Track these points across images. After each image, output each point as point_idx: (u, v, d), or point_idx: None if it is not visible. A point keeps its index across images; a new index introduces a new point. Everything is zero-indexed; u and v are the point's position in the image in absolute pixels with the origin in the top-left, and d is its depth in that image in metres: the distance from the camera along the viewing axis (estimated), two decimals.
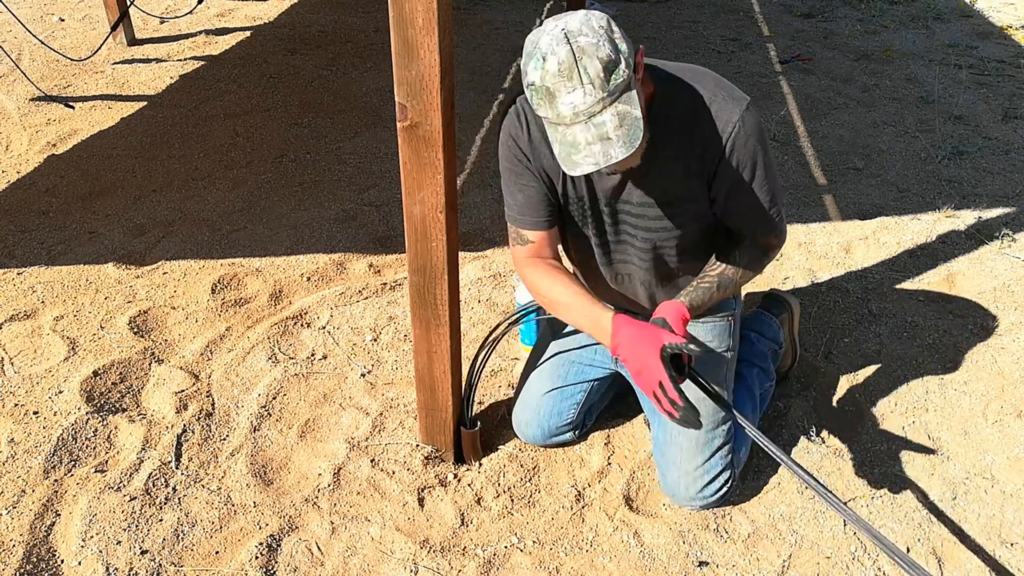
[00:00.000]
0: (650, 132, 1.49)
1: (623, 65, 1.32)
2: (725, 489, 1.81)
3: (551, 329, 2.05)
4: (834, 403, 2.17)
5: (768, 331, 2.10)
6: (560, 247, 1.80)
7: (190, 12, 5.29)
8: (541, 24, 1.38)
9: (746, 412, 1.93)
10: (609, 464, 1.99)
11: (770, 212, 1.60)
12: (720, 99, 1.51)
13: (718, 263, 1.68)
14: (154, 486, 1.91)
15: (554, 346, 2.00)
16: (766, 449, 1.54)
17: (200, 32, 5.10)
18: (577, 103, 1.31)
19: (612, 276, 1.81)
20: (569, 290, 1.64)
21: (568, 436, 1.99)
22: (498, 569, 1.73)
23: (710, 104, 1.51)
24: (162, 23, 5.23)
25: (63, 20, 5.31)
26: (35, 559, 1.73)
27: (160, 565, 1.72)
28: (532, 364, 2.03)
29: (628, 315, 1.58)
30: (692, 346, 1.48)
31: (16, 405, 2.15)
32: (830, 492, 1.46)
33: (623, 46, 1.33)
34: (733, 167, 1.54)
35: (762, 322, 2.11)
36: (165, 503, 1.87)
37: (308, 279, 2.71)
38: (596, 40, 1.31)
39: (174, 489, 1.91)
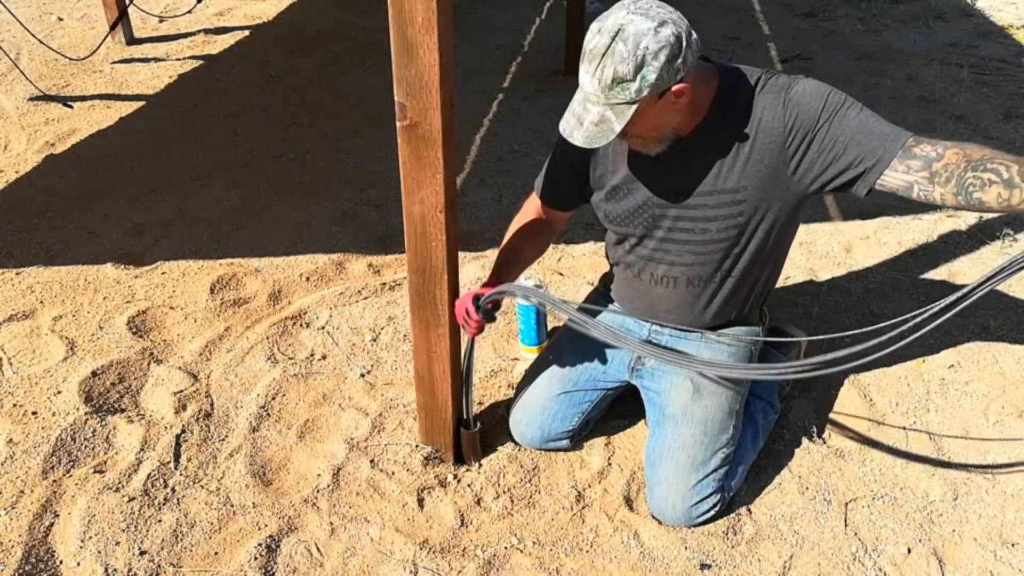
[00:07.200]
0: (714, 122, 1.59)
1: (635, 86, 1.42)
2: (713, 512, 1.79)
3: (568, 332, 2.03)
4: (834, 403, 2.17)
5: None
6: (608, 240, 1.90)
7: (189, 11, 5.28)
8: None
9: (746, 441, 1.92)
10: (609, 465, 1.98)
11: (882, 125, 1.48)
12: (772, 78, 1.59)
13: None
14: (153, 487, 1.91)
15: (568, 350, 1.98)
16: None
17: (199, 31, 5.09)
18: (585, 84, 1.47)
19: (656, 277, 1.80)
20: (508, 238, 1.90)
21: (565, 443, 1.98)
22: (498, 570, 1.72)
23: (764, 84, 1.58)
24: (161, 22, 5.22)
25: (62, 19, 5.30)
26: (34, 559, 1.72)
27: (159, 566, 1.72)
28: (542, 365, 2.00)
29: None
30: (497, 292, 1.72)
31: (15, 405, 2.14)
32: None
33: (651, 75, 1.42)
34: (814, 116, 1.53)
35: (772, 360, 2.10)
36: (164, 504, 1.86)
37: (307, 279, 2.70)
38: (628, 56, 1.40)
39: (173, 490, 1.90)
